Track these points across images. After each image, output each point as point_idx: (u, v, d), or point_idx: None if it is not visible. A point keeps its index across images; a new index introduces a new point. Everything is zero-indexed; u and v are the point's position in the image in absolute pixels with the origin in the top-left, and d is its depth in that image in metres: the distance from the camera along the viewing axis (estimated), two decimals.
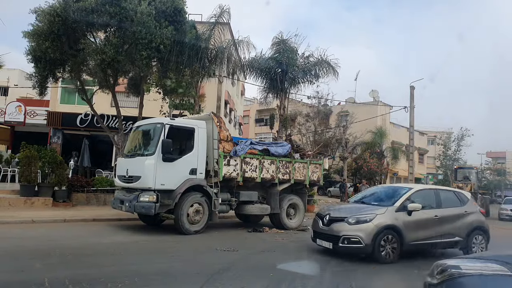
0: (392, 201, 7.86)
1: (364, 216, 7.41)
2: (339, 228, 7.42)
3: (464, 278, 2.11)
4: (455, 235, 8.15)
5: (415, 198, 7.95)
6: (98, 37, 13.69)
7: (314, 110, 32.93)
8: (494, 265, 2.12)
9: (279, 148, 11.86)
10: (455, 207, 8.47)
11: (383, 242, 7.28)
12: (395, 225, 7.41)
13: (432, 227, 7.88)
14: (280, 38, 18.00)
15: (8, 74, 30.03)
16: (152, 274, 5.55)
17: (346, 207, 8.74)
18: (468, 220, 8.42)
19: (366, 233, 7.18)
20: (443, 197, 8.44)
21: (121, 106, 15.49)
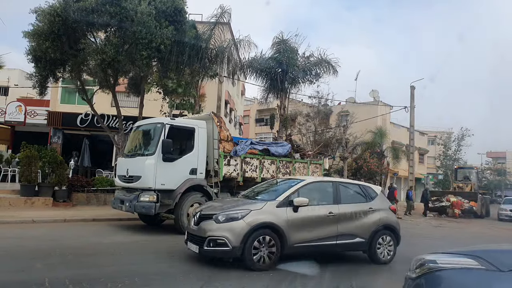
0: (276, 195, 6.72)
1: (236, 213, 6.15)
2: (206, 228, 6.18)
3: (440, 272, 2.25)
4: (356, 236, 6.99)
5: (305, 192, 6.78)
6: (98, 37, 13.70)
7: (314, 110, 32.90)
8: (467, 259, 2.26)
9: (279, 148, 11.86)
10: (358, 203, 7.32)
11: (257, 244, 6.04)
12: (274, 224, 6.18)
13: (326, 226, 6.69)
14: (280, 38, 18.01)
15: (8, 74, 30.02)
16: (152, 274, 5.55)
17: (223, 202, 7.32)
18: (373, 218, 7.24)
19: (234, 233, 5.94)
20: (343, 192, 7.28)
21: (121, 106, 15.50)
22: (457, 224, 18.89)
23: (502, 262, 2.07)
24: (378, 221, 7.29)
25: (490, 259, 2.13)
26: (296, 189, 6.72)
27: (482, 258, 2.16)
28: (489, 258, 2.14)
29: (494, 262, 2.08)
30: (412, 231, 14.52)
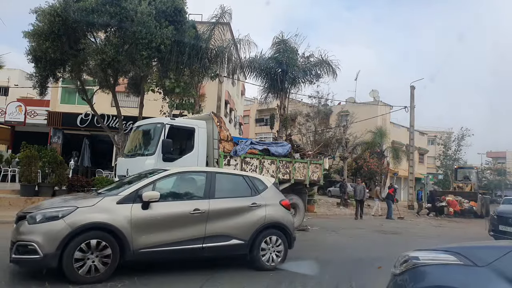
0: (123, 189, 5.56)
1: (56, 211, 4.92)
2: (18, 230, 5.09)
3: (422, 268, 2.39)
4: (231, 237, 5.80)
5: (165, 184, 5.77)
6: (99, 37, 13.72)
7: (314, 110, 32.94)
8: (447, 255, 2.40)
9: (279, 148, 11.87)
10: (239, 197, 6.17)
11: (81, 251, 4.82)
12: (109, 224, 4.97)
13: (190, 226, 5.56)
14: (280, 38, 18.02)
15: (9, 74, 30.06)
16: (151, 274, 5.55)
17: (61, 198, 5.97)
18: (256, 216, 6.06)
19: (48, 236, 4.71)
20: (219, 184, 6.08)
21: (121, 106, 15.51)
22: (456, 224, 18.92)
23: (479, 257, 2.20)
24: (263, 219, 6.11)
25: (467, 255, 2.26)
26: (150, 182, 5.56)
27: (460, 254, 2.29)
28: (467, 254, 2.27)
29: (471, 257, 2.21)
30: (412, 230, 14.57)
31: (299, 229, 11.77)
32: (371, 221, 17.45)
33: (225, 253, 5.98)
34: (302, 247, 9.00)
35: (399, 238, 12.15)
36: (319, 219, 16.11)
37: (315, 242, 10.13)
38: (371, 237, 11.91)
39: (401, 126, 38.04)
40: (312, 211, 17.06)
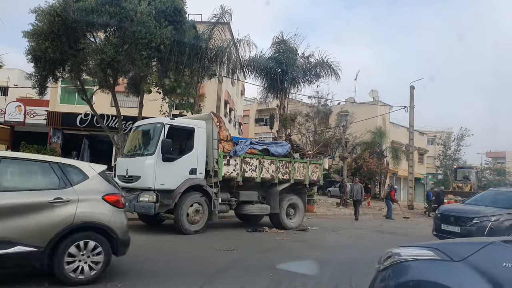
0: None
1: None
2: None
3: (403, 263, 2.53)
4: (17, 243, 4.39)
5: None
6: (98, 37, 13.71)
7: (314, 110, 32.93)
8: (426, 251, 2.52)
9: (279, 148, 11.87)
10: (37, 190, 4.76)
11: None
12: None
13: None
14: (280, 38, 18.02)
15: (8, 74, 30.04)
16: (151, 274, 5.55)
17: None
18: (59, 215, 4.64)
19: None
20: (8, 173, 4.80)
21: (121, 106, 15.50)
22: None
23: (455, 252, 2.33)
24: (71, 219, 4.70)
25: (445, 250, 2.39)
26: None
27: (438, 250, 2.43)
28: (444, 250, 2.40)
29: (449, 253, 2.34)
30: (411, 230, 14.58)
31: (298, 229, 11.79)
32: (371, 221, 17.46)
33: (9, 264, 4.60)
34: (302, 247, 9.01)
35: (398, 238, 12.16)
36: (318, 219, 16.11)
37: (315, 242, 10.14)
38: (371, 237, 11.92)
39: (400, 126, 38.04)
40: (311, 211, 17.06)
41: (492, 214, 8.89)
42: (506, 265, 2.05)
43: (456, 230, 9.06)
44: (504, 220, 8.68)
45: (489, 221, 8.69)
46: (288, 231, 11.31)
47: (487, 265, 2.12)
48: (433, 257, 2.41)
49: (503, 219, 8.69)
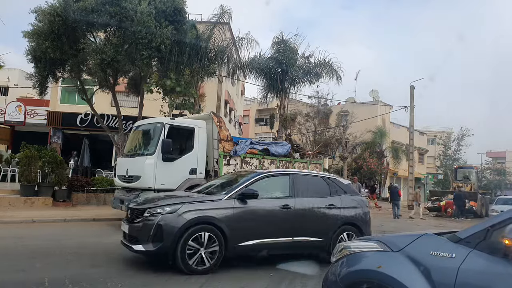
0: None
1: None
2: None
3: (352, 255, 2.85)
4: None
5: None
6: (98, 37, 13.72)
7: (314, 109, 32.93)
8: (371, 243, 2.83)
9: (279, 147, 11.88)
10: None
11: None
12: None
13: None
14: (280, 38, 18.04)
15: (8, 74, 30.04)
16: (151, 274, 5.56)
17: None
18: None
19: None
20: None
21: (121, 106, 15.51)
22: (456, 224, 18.91)
23: (394, 244, 2.63)
24: None
25: (386, 242, 2.68)
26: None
27: (381, 242, 2.71)
28: (386, 242, 2.69)
29: (389, 244, 2.64)
30: (410, 231, 14.56)
31: None
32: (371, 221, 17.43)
33: None
34: None
35: None
36: None
37: None
38: None
39: (400, 126, 38.04)
40: None
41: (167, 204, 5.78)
42: (432, 253, 2.35)
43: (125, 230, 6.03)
44: (186, 211, 5.62)
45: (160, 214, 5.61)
46: None
47: (418, 254, 2.42)
48: (376, 248, 2.71)
49: (184, 210, 5.61)
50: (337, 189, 7.08)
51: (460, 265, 2.18)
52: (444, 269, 2.23)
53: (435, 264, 2.29)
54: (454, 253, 2.27)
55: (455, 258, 2.23)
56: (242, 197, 5.98)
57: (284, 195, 6.50)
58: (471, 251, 2.22)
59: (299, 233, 6.39)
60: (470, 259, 2.18)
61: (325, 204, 6.72)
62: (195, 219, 5.57)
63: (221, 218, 5.72)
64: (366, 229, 7.09)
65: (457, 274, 2.15)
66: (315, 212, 6.59)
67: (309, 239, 6.47)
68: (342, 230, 6.76)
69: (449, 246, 2.36)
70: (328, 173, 9.92)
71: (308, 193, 6.68)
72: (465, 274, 2.13)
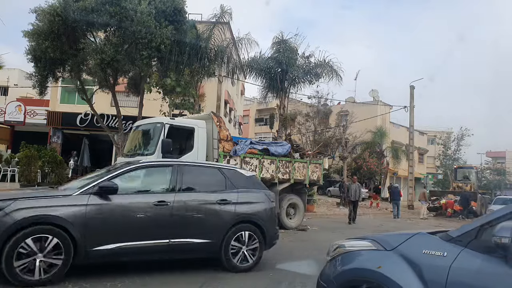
0: None
1: None
2: None
3: (347, 253, 2.90)
4: None
5: None
6: (98, 37, 13.73)
7: (314, 109, 32.95)
8: (365, 242, 2.89)
9: (279, 147, 11.88)
10: None
11: None
12: None
13: None
14: (280, 38, 18.05)
15: (8, 74, 30.04)
16: (151, 274, 5.56)
17: None
18: None
19: None
20: None
21: (121, 105, 15.51)
22: (456, 224, 18.93)
23: (388, 243, 2.69)
24: None
25: (380, 241, 2.74)
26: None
27: (375, 241, 2.77)
28: (380, 241, 2.76)
29: (383, 243, 2.70)
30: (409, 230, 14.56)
31: (298, 229, 11.79)
32: (371, 221, 17.46)
33: None
34: (302, 247, 9.01)
35: None
36: (318, 219, 16.11)
37: (315, 242, 10.14)
38: None
39: (400, 126, 38.07)
40: (311, 211, 17.05)
41: None
42: (425, 252, 2.39)
43: None
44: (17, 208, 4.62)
45: None
46: (288, 231, 11.30)
47: (411, 252, 2.47)
48: (370, 247, 2.78)
49: (16, 207, 4.57)
50: (236, 183, 6.20)
51: (451, 264, 2.20)
52: (436, 267, 2.26)
53: (427, 263, 2.32)
54: (445, 252, 2.29)
55: (447, 257, 2.26)
56: (100, 192, 5.04)
57: (163, 190, 5.63)
58: (462, 249, 2.25)
59: (179, 235, 5.46)
60: (461, 257, 2.21)
61: (216, 200, 5.84)
62: (29, 219, 4.49)
63: (68, 218, 4.71)
64: (269, 227, 6.24)
65: (448, 272, 2.17)
66: (202, 209, 5.69)
67: (192, 241, 5.53)
68: (237, 229, 5.88)
69: (441, 244, 2.39)
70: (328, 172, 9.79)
71: (196, 187, 5.88)
72: (456, 273, 2.15)
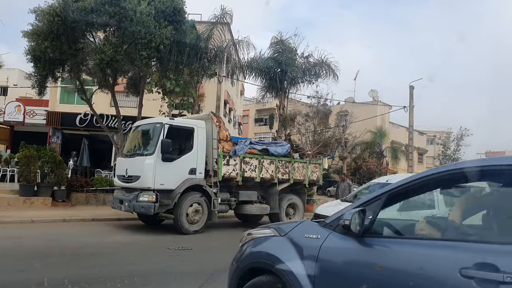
0: None
1: None
2: None
3: (253, 240, 3.35)
4: None
5: None
6: (98, 37, 13.71)
7: (314, 110, 32.95)
8: (267, 230, 3.33)
9: (278, 147, 11.87)
10: None
11: None
12: None
13: None
14: (278, 38, 18.03)
15: (7, 74, 30.02)
16: (151, 274, 5.56)
17: None
18: None
19: None
20: None
21: (120, 106, 15.50)
22: None
23: (282, 230, 3.14)
24: None
25: (277, 228, 3.20)
26: None
27: (274, 228, 3.23)
28: (277, 228, 3.21)
29: (278, 230, 3.16)
30: None
31: None
32: None
33: None
34: None
35: None
36: None
37: None
38: None
39: (400, 126, 38.07)
40: (311, 211, 17.04)
41: None
42: (306, 236, 2.85)
43: None
44: None
45: None
46: None
47: (296, 236, 2.94)
48: (270, 234, 3.22)
49: None
50: None
51: (322, 244, 2.68)
52: (311, 247, 2.73)
53: (306, 244, 2.80)
54: (319, 235, 2.76)
55: (319, 239, 2.73)
56: None
57: None
58: (331, 232, 2.72)
59: None
60: (329, 238, 2.69)
61: None
62: None
63: None
64: None
65: (319, 250, 2.66)
66: None
67: None
68: None
69: (318, 229, 2.86)
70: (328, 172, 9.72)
71: None
72: (324, 250, 2.64)
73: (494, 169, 2.28)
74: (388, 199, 2.53)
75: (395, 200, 2.64)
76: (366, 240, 2.45)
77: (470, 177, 2.39)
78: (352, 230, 2.47)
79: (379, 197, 2.54)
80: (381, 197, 2.53)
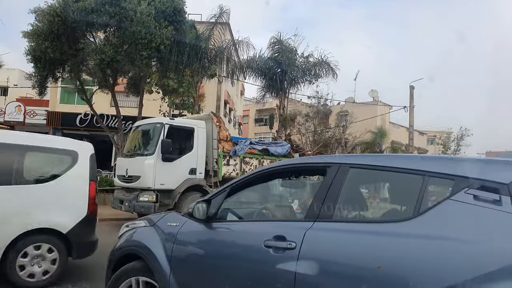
0: None
1: None
2: None
3: (128, 231, 3.64)
4: None
5: None
6: (98, 37, 13.73)
7: (314, 110, 32.93)
8: (141, 221, 3.62)
9: (278, 148, 11.89)
10: None
11: None
12: None
13: None
14: (277, 39, 18.06)
15: (8, 74, 30.01)
16: None
17: None
18: None
19: None
20: None
21: (120, 106, 15.52)
22: None
23: (152, 220, 3.46)
24: None
25: (148, 220, 3.54)
26: None
27: (146, 220, 3.56)
28: (148, 219, 3.55)
29: (149, 221, 3.49)
30: None
31: None
32: None
33: None
34: None
35: None
36: None
37: None
38: None
39: (400, 126, 38.04)
40: None
41: None
42: (168, 224, 3.26)
43: None
44: None
45: None
46: None
47: (162, 225, 3.31)
48: (143, 225, 3.54)
49: None
50: None
51: (179, 230, 3.11)
52: (171, 233, 3.14)
53: (168, 231, 3.21)
54: (178, 223, 3.18)
55: (178, 226, 3.15)
56: None
57: None
58: (187, 220, 3.13)
59: None
60: (185, 225, 3.11)
61: None
62: None
63: None
64: None
65: (176, 234, 3.09)
66: None
67: None
68: None
69: (179, 218, 3.26)
70: None
71: None
72: (180, 234, 3.08)
73: (293, 168, 3.13)
74: (231, 190, 3.05)
75: (237, 191, 3.15)
76: (213, 224, 2.97)
77: (284, 174, 3.28)
78: (195, 216, 3.00)
79: (224, 190, 3.03)
80: (226, 189, 3.02)
